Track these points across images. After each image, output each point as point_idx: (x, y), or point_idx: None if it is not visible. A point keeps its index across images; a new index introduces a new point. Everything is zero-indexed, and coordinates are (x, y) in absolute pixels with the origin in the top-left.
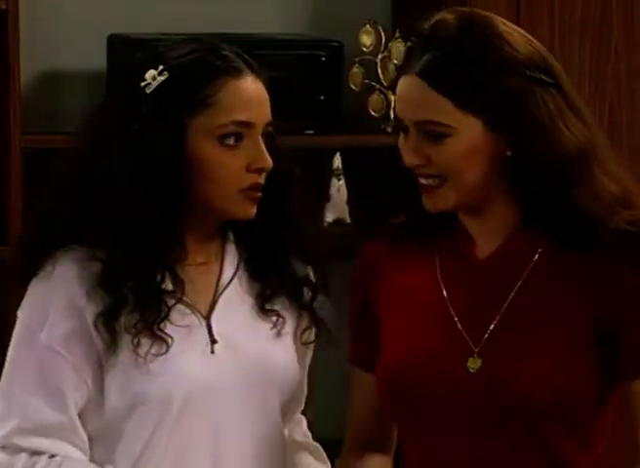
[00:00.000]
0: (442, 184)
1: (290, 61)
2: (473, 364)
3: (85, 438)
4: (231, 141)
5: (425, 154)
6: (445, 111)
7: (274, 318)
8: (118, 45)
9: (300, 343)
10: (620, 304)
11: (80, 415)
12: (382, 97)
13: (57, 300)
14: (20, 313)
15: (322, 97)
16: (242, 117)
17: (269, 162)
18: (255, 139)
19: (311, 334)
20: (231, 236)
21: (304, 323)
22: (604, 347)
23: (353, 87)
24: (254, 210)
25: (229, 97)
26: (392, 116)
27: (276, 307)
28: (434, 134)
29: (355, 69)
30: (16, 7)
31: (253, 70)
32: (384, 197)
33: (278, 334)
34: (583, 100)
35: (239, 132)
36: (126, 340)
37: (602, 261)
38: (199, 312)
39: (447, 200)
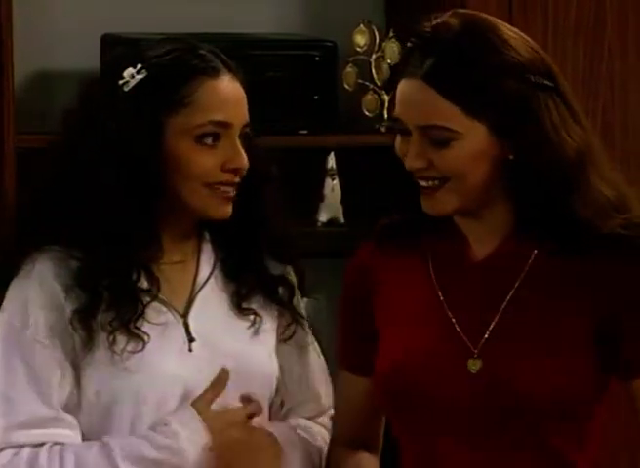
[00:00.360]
0: (442, 186)
1: (284, 61)
2: (473, 365)
3: (76, 421)
4: (209, 141)
5: (428, 157)
6: (452, 117)
7: (251, 316)
8: (112, 45)
9: (280, 341)
10: (620, 305)
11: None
12: (376, 96)
13: (37, 298)
14: (1, 315)
15: (316, 97)
16: (219, 117)
17: (245, 162)
18: (232, 140)
19: (290, 332)
20: (207, 235)
21: (285, 321)
22: (602, 347)
23: (347, 87)
24: (228, 209)
25: (207, 97)
26: (387, 116)
27: (253, 306)
28: (440, 138)
29: (349, 69)
30: (9, 6)
31: (230, 70)
32: (379, 197)
33: (256, 333)
34: (578, 102)
35: (216, 131)
36: (102, 338)
37: (599, 263)
38: (176, 310)
39: (446, 203)
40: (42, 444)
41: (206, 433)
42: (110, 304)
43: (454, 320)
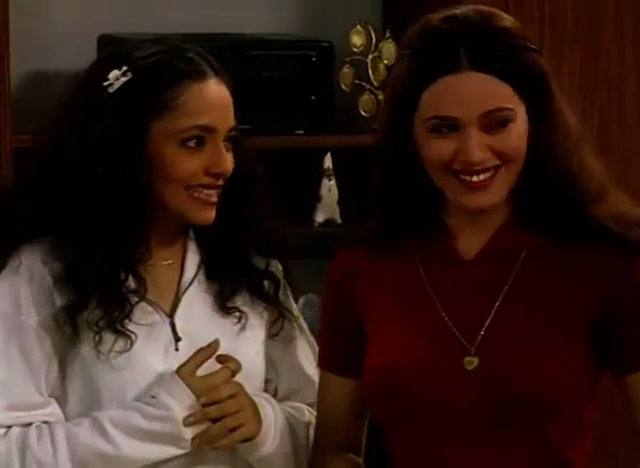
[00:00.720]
0: (495, 176)
1: (280, 62)
2: (470, 363)
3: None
4: (193, 145)
5: (488, 146)
6: (509, 96)
7: (237, 314)
8: (108, 45)
9: (269, 336)
10: (612, 302)
11: None
12: (373, 97)
13: (26, 292)
14: None
15: (312, 98)
16: (204, 121)
17: (228, 167)
18: (216, 144)
19: (277, 328)
20: (192, 236)
21: (272, 316)
22: (596, 343)
23: (344, 87)
24: (210, 215)
25: (192, 101)
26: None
27: (237, 304)
28: (501, 120)
29: (346, 69)
30: (6, 7)
31: (217, 73)
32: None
33: (242, 329)
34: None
35: (201, 135)
36: (88, 336)
37: (590, 260)
38: (162, 310)
39: (497, 194)
40: (29, 424)
41: (194, 399)
42: (98, 304)
43: (447, 318)
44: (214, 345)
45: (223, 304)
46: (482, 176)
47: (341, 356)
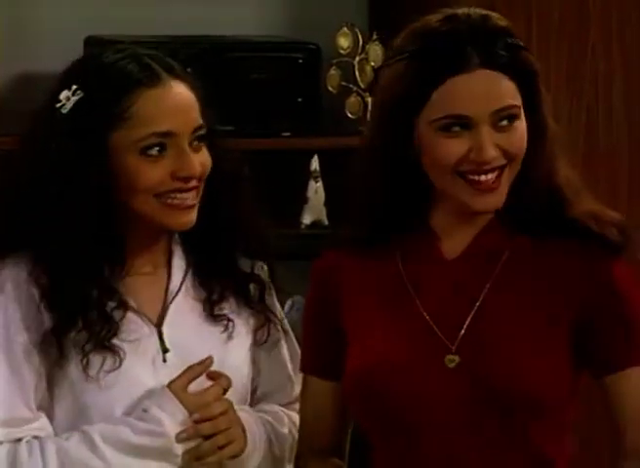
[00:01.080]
0: (502, 175)
1: (267, 64)
2: (451, 361)
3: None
4: (154, 152)
5: (497, 144)
6: (514, 93)
7: (224, 321)
8: (95, 47)
9: (255, 343)
10: (591, 303)
11: None
12: (360, 99)
13: (15, 311)
14: None
15: (299, 100)
16: (162, 128)
17: (195, 169)
18: (179, 148)
19: (264, 335)
20: (178, 240)
21: (258, 322)
22: (576, 343)
23: (331, 89)
24: (188, 219)
25: (147, 109)
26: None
27: (225, 311)
28: (510, 116)
29: (332, 71)
30: None
31: (176, 76)
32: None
33: (230, 337)
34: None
35: (162, 142)
36: (76, 356)
37: (570, 262)
38: (150, 321)
39: (502, 195)
40: (19, 440)
41: (186, 414)
42: (83, 325)
43: (428, 317)
44: (207, 362)
45: (212, 312)
46: (490, 176)
47: (323, 358)
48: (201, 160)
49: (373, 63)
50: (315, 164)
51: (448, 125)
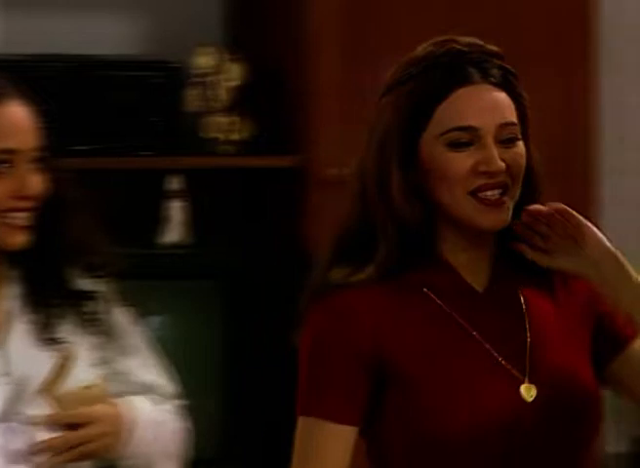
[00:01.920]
0: (506, 192)
1: (126, 83)
2: (527, 392)
3: None
4: (1, 169)
5: (502, 158)
6: (514, 111)
7: (63, 345)
8: None
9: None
10: (599, 301)
11: None
12: (218, 118)
13: None
14: None
15: (158, 119)
16: (6, 144)
17: (36, 189)
18: (20, 167)
19: (102, 352)
20: (10, 268)
21: (97, 339)
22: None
23: (190, 108)
24: (21, 239)
25: None
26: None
27: (62, 334)
28: (511, 135)
29: (191, 91)
30: None
31: (18, 96)
32: (223, 218)
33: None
34: None
35: (5, 159)
36: None
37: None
38: None
39: (508, 213)
40: None
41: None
42: None
43: (496, 354)
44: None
45: (49, 335)
46: (496, 192)
47: (347, 404)
48: (39, 181)
49: (232, 82)
50: (175, 183)
51: (455, 139)
